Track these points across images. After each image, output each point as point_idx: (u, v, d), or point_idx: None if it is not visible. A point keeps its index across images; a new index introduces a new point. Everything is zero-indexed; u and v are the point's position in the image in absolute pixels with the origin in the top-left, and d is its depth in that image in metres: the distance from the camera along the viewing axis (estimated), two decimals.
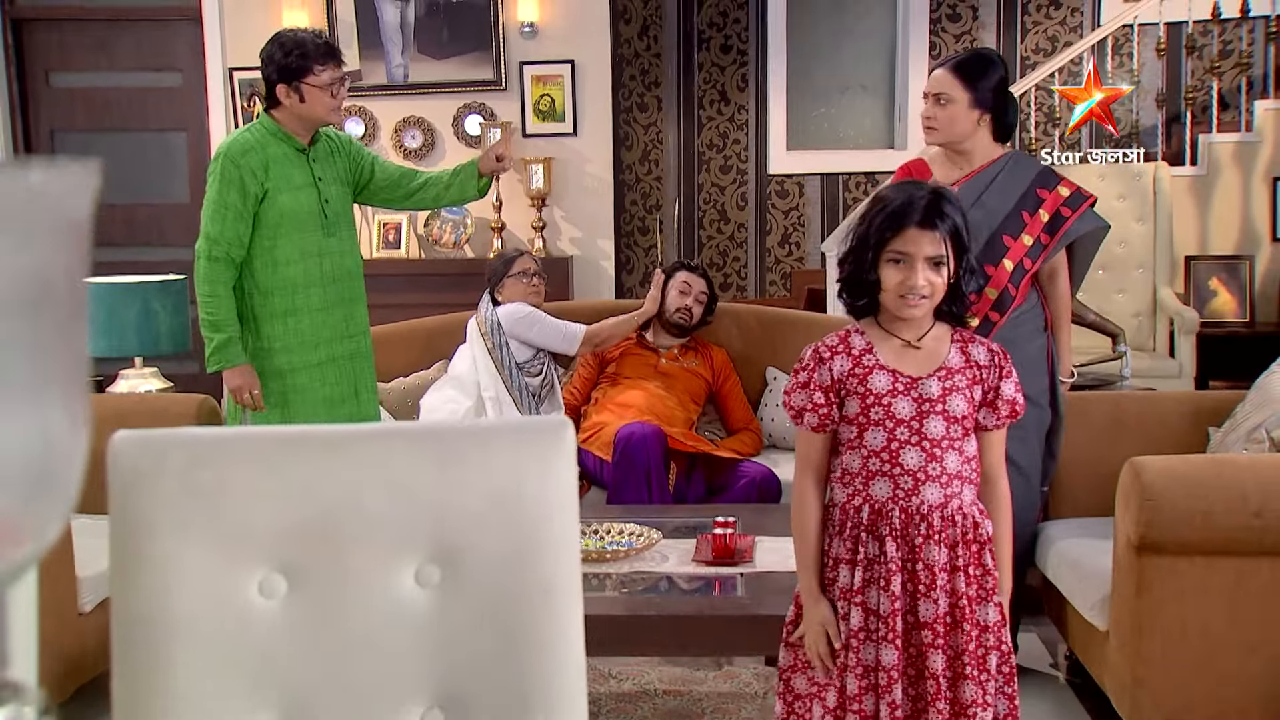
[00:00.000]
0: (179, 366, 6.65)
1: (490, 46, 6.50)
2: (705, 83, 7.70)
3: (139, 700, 1.30)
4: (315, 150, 3.95)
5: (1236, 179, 6.47)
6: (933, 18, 7.57)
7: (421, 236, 6.56)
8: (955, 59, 3.67)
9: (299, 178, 3.88)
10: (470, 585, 1.35)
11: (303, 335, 3.89)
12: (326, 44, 3.90)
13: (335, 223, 3.96)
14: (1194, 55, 6.78)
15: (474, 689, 1.35)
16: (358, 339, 4.05)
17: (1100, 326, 4.72)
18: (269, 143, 3.86)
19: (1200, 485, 3.00)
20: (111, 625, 1.32)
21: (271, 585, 1.33)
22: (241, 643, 1.32)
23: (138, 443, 1.31)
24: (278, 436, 1.38)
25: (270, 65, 3.86)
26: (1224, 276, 6.38)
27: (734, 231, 7.78)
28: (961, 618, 2.35)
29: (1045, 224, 3.63)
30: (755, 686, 3.73)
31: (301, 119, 3.88)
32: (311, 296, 3.89)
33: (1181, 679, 3.10)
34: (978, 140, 3.65)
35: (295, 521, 1.33)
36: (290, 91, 3.84)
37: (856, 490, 2.40)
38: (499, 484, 1.35)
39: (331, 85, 3.85)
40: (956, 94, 3.58)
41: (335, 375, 3.97)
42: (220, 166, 3.81)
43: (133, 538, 1.30)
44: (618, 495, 4.31)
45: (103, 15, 6.86)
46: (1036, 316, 3.71)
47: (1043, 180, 3.67)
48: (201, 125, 6.76)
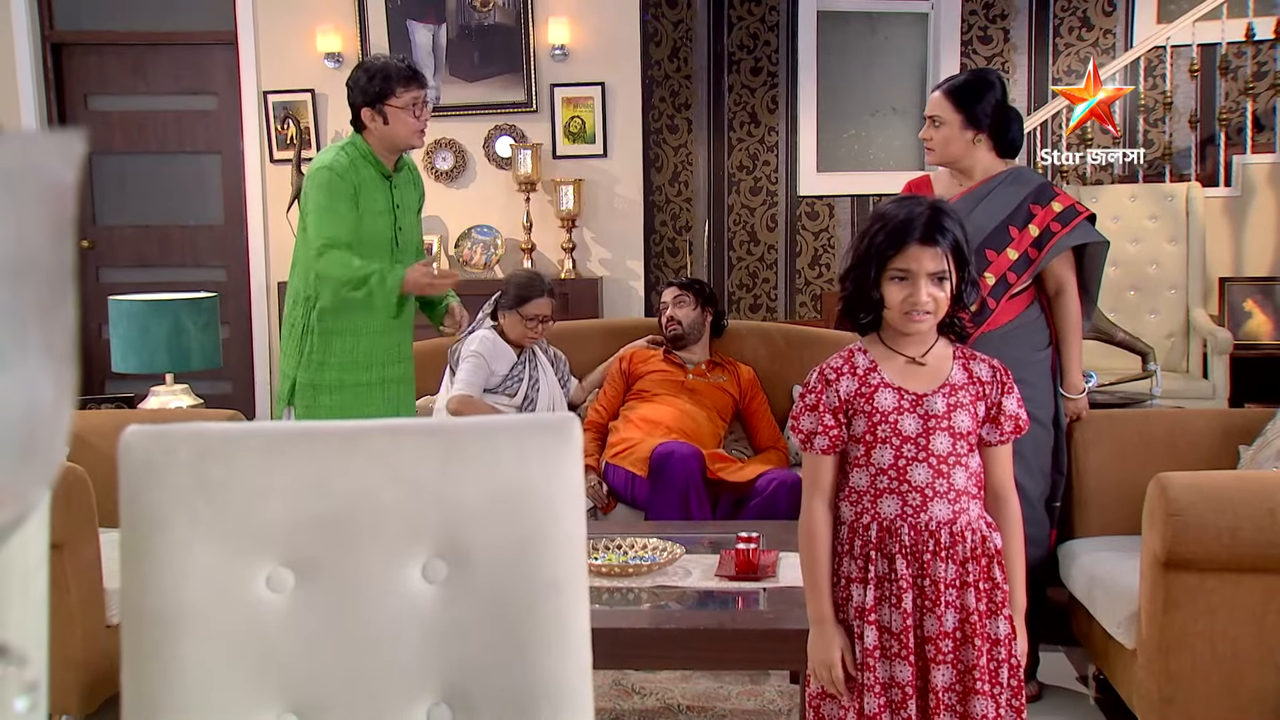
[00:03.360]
0: (210, 387, 6.70)
1: (521, 69, 6.55)
2: (735, 104, 7.72)
3: (147, 691, 1.31)
4: (398, 178, 4.08)
5: (1272, 200, 6.43)
6: (964, 40, 7.57)
7: (452, 257, 6.59)
8: (950, 81, 3.80)
9: (380, 203, 4.00)
10: (477, 581, 1.35)
11: (358, 355, 4.00)
12: (409, 68, 4.02)
13: (405, 250, 4.08)
14: (1228, 76, 6.75)
15: (480, 684, 1.35)
16: (405, 364, 4.17)
17: (1130, 345, 4.70)
18: (360, 164, 3.97)
19: (1227, 501, 2.97)
20: (121, 617, 1.33)
21: (280, 579, 1.34)
22: (250, 636, 1.33)
23: (149, 436, 1.32)
24: (287, 431, 1.39)
25: (355, 89, 3.98)
26: (1259, 298, 6.33)
27: (764, 253, 7.78)
28: (972, 633, 2.35)
29: (1034, 239, 3.66)
30: (780, 704, 3.72)
31: (385, 141, 3.99)
32: (374, 319, 3.99)
33: (1210, 697, 3.07)
34: (977, 159, 3.74)
35: (304, 516, 1.34)
36: (375, 114, 3.95)
37: (865, 508, 2.40)
38: (506, 480, 1.36)
39: (414, 106, 3.96)
40: (949, 116, 3.70)
41: (382, 397, 4.07)
42: (326, 180, 3.91)
43: (143, 530, 1.31)
44: (654, 513, 4.31)
45: (140, 39, 6.95)
46: (1034, 333, 3.72)
47: (1037, 196, 3.72)
48: (236, 148, 6.83)
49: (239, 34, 6.66)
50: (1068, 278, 3.75)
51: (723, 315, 5.12)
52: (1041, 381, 3.69)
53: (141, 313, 4.97)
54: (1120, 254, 6.17)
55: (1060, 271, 3.74)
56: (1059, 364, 3.78)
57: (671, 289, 5.02)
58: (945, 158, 3.77)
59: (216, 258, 7.06)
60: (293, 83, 6.61)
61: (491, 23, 6.55)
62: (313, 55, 6.52)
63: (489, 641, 1.35)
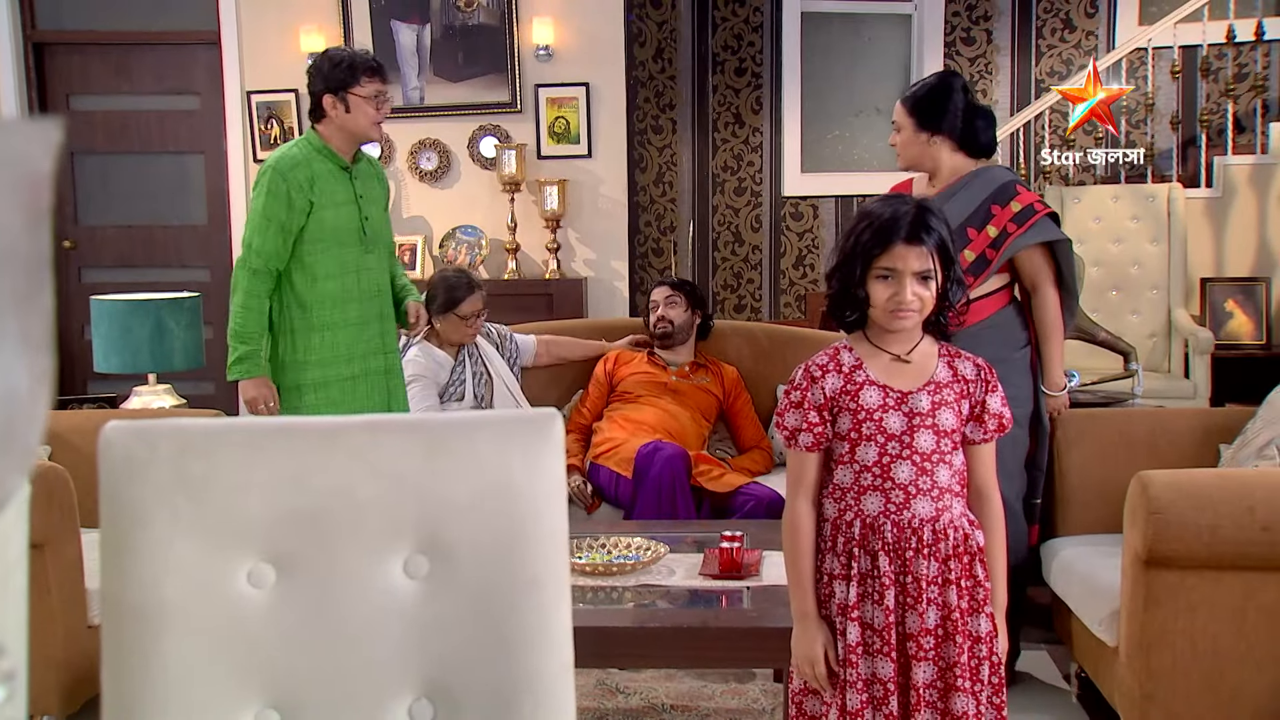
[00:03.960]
0: (193, 387, 6.69)
1: (506, 69, 6.54)
2: (720, 105, 7.73)
3: (128, 687, 1.31)
4: (357, 169, 4.07)
5: (1252, 201, 6.45)
6: (947, 41, 7.59)
7: (436, 258, 6.59)
8: (909, 89, 3.94)
9: (342, 194, 3.99)
10: (459, 576, 1.36)
11: (338, 349, 3.99)
12: (374, 59, 4.06)
13: (374, 240, 4.07)
14: (1209, 78, 6.78)
15: (462, 679, 1.35)
16: (390, 355, 4.16)
17: (1112, 345, 4.71)
18: (314, 158, 3.96)
19: (1207, 499, 2.99)
20: (102, 612, 1.33)
21: (261, 575, 1.34)
22: (230, 632, 1.32)
23: (129, 432, 1.32)
24: (268, 427, 1.39)
25: (318, 76, 3.98)
26: (1240, 299, 6.36)
27: (748, 253, 7.79)
28: (954, 630, 2.36)
29: (992, 240, 3.69)
30: (764, 703, 3.72)
31: (345, 131, 3.99)
32: (349, 311, 3.99)
33: (1191, 694, 3.09)
34: (938, 160, 3.83)
35: (285, 512, 1.34)
36: (337, 102, 3.95)
37: (848, 505, 2.40)
38: (488, 476, 1.36)
39: (376, 98, 3.98)
40: (903, 121, 3.85)
41: (368, 390, 4.06)
42: (269, 180, 3.89)
43: (123, 526, 1.31)
44: (637, 513, 4.31)
45: (123, 39, 6.93)
46: (1009, 333, 3.75)
47: (998, 196, 3.76)
48: (219, 148, 6.82)
49: (222, 34, 6.64)
50: (1042, 277, 3.78)
51: (710, 317, 5.12)
52: (1020, 380, 3.70)
53: (124, 313, 4.96)
54: (1102, 254, 6.19)
55: (1032, 270, 3.78)
56: (1040, 362, 3.81)
57: (663, 288, 5.01)
58: (907, 160, 3.89)
59: (200, 258, 7.05)
60: (276, 83, 6.60)
61: (476, 23, 6.54)
62: (296, 55, 6.50)
63: (471, 637, 1.35)
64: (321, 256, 3.95)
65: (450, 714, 1.36)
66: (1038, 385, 3.80)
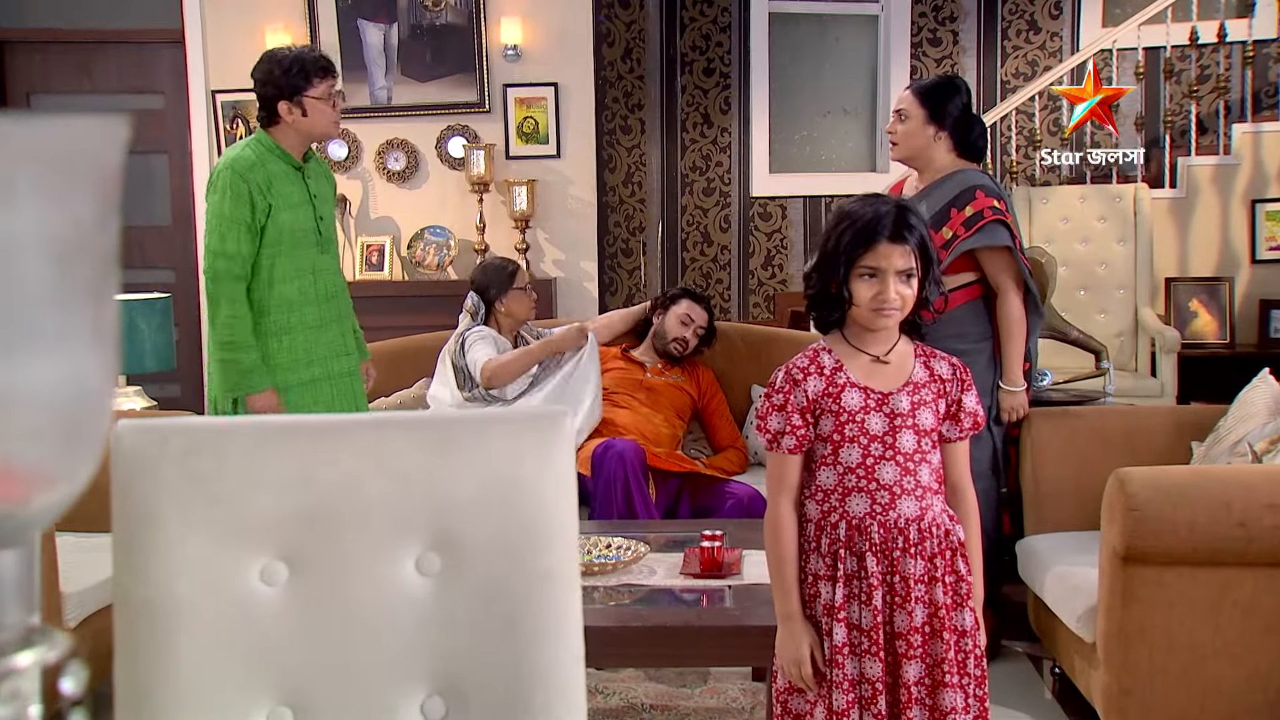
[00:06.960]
0: (160, 390, 6.63)
1: (474, 69, 6.53)
2: (688, 105, 7.74)
3: (141, 684, 1.30)
4: (309, 168, 3.97)
5: (1215, 201, 6.52)
6: (914, 42, 7.64)
7: (405, 258, 6.56)
8: (919, 81, 4.03)
9: (297, 195, 3.89)
10: (470, 573, 1.35)
11: (296, 353, 3.88)
12: (322, 56, 3.93)
13: (329, 240, 3.99)
14: (1172, 79, 6.85)
15: (474, 676, 1.35)
16: (351, 358, 4.06)
17: (1083, 343, 4.76)
18: (268, 159, 3.85)
19: (1184, 495, 3.02)
20: (114, 610, 1.32)
21: (273, 572, 1.33)
22: (243, 629, 1.32)
23: (140, 430, 1.31)
24: (278, 425, 1.38)
25: (269, 84, 3.86)
26: (1204, 298, 6.43)
27: (717, 254, 7.81)
28: (940, 626, 2.38)
29: (945, 241, 3.76)
30: (742, 701, 3.73)
31: (302, 134, 3.89)
32: (307, 314, 3.89)
33: (1168, 690, 3.12)
34: (935, 156, 3.93)
35: (296, 509, 1.33)
36: (293, 107, 3.84)
37: (833, 507, 2.42)
38: (498, 472, 1.36)
39: (332, 97, 3.89)
40: (914, 111, 3.91)
41: (331, 392, 3.97)
42: (229, 182, 3.78)
43: (135, 524, 1.30)
44: (599, 511, 4.29)
45: (85, 38, 6.86)
46: (966, 328, 3.84)
47: (957, 199, 3.85)
48: (184, 147, 6.76)
49: (186, 33, 6.58)
50: (1003, 278, 3.89)
51: (707, 341, 5.09)
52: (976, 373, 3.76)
53: None
54: (1070, 254, 6.24)
55: (994, 271, 3.89)
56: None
57: (703, 313, 4.98)
58: (907, 150, 3.94)
59: (164, 259, 6.98)
60: (241, 82, 6.48)
61: (443, 22, 6.52)
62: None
63: (482, 632, 1.35)
64: (279, 259, 3.83)
65: (462, 708, 1.36)
66: (995, 381, 3.89)
